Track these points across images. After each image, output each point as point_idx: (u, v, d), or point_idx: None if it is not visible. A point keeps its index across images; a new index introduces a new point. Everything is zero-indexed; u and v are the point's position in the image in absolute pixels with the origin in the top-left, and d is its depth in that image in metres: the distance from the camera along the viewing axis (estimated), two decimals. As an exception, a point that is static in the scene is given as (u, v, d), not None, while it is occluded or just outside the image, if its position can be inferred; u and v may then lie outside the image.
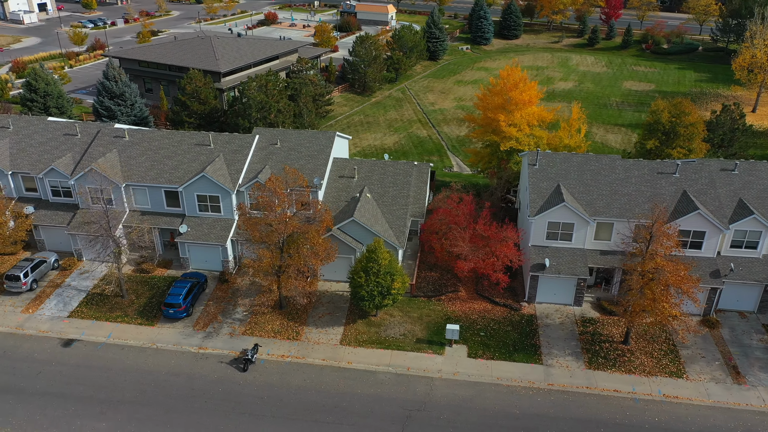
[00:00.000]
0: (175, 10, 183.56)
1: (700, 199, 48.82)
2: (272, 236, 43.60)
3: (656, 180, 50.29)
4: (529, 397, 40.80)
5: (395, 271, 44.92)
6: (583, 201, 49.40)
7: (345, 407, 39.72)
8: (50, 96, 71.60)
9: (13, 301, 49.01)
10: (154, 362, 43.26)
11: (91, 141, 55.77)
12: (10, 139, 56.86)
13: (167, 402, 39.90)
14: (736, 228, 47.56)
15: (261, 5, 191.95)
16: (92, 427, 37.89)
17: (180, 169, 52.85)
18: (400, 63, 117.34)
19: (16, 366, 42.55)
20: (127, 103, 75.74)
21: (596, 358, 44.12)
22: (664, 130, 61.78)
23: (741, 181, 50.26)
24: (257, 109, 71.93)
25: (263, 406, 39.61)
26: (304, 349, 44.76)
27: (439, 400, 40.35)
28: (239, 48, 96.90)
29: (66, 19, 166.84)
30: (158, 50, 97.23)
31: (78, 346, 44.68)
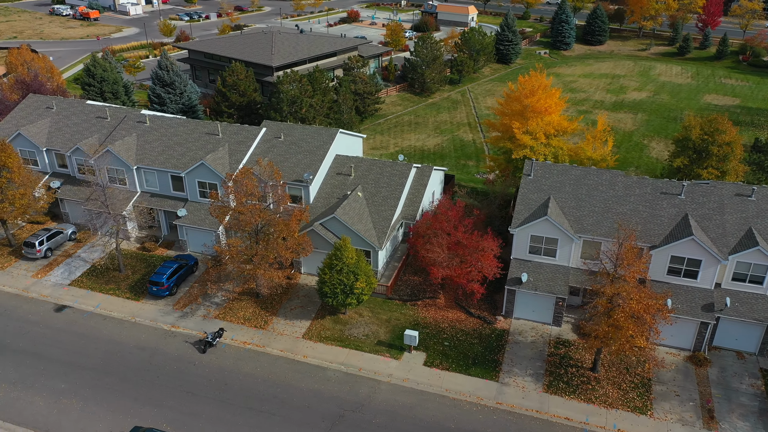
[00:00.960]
0: (267, 6, 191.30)
1: (702, 225, 44.88)
2: (242, 225, 44.96)
3: (657, 200, 46.75)
4: (471, 413, 39.48)
5: (360, 271, 44.87)
6: (571, 216, 46.88)
7: (284, 399, 40.36)
8: (106, 81, 77.47)
9: (27, 266, 53.77)
10: (128, 335, 45.99)
11: (117, 125, 59.88)
12: (51, 119, 62.23)
13: (125, 373, 42.36)
14: (738, 259, 43.30)
15: (349, 3, 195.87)
16: (52, 386, 41.01)
17: (187, 156, 55.59)
18: (464, 65, 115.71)
19: (8, 324, 46.78)
20: (176, 91, 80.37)
21: (557, 382, 41.85)
22: (694, 147, 57.13)
23: (756, 209, 45.58)
24: (288, 104, 73.88)
25: (207, 388, 41.09)
26: (267, 338, 45.82)
27: (378, 405, 40.00)
28: (297, 44, 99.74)
29: (167, 12, 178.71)
30: (222, 43, 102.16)
31: (67, 312, 48.34)
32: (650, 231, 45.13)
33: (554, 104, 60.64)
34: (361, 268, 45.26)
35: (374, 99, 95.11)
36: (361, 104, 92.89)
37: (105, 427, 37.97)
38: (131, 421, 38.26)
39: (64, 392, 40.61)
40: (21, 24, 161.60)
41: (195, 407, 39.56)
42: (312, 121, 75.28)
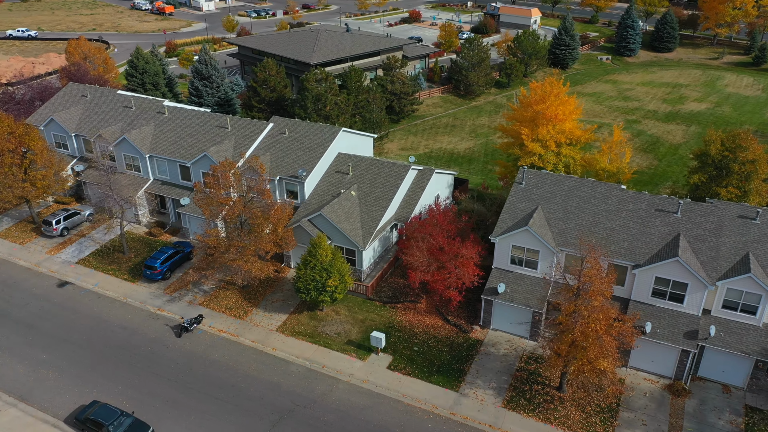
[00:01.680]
0: (335, 4, 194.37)
1: (694, 246, 42.12)
2: (224, 216, 46.25)
3: (651, 217, 44.23)
4: (421, 420, 38.92)
5: (333, 269, 45.12)
6: (556, 229, 45.16)
7: (241, 388, 41.26)
8: (147, 73, 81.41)
9: (44, 243, 57.53)
10: (115, 314, 48.37)
11: (139, 114, 62.90)
12: (84, 107, 66.17)
13: (103, 350, 44.61)
14: (728, 286, 40.32)
15: (415, 3, 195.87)
16: (35, 356, 43.79)
17: (195, 147, 57.68)
18: (513, 68, 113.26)
19: (13, 295, 50.28)
20: (213, 85, 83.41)
21: (519, 398, 40.51)
22: (714, 164, 53.56)
23: (759, 233, 42.25)
24: (313, 101, 74.99)
25: (172, 371, 42.62)
26: (242, 328, 46.93)
27: (331, 403, 40.15)
28: (340, 42, 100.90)
29: (237, 9, 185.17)
30: (269, 40, 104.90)
31: (68, 288, 51.39)
32: (637, 249, 42.79)
33: (568, 112, 58.40)
34: (336, 267, 45.50)
35: (411, 100, 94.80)
36: (398, 104, 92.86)
37: (71, 398, 40.16)
38: (95, 395, 40.27)
39: (44, 363, 43.26)
40: (102, 17, 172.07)
41: (156, 388, 41.13)
42: (336, 119, 76.06)
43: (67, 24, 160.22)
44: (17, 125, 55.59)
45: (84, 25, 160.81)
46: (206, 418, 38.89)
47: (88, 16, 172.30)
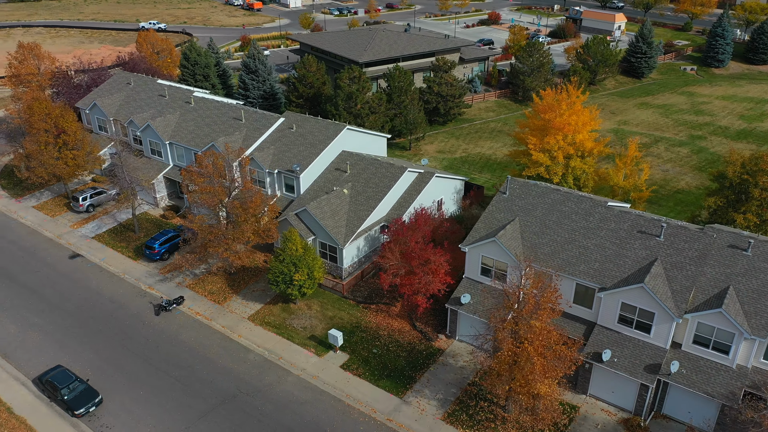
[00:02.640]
0: (419, 4, 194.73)
1: (670, 274, 38.99)
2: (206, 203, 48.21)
3: (631, 239, 41.37)
4: (355, 422, 38.79)
5: (301, 264, 45.78)
6: (529, 243, 43.29)
7: (196, 370, 42.92)
8: (198, 65, 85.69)
9: (71, 217, 62.33)
10: (110, 288, 51.69)
11: (170, 103, 66.57)
12: (126, 94, 70.90)
13: (87, 320, 47.87)
14: (699, 320, 37.03)
15: (500, 5, 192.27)
16: (29, 319, 47.77)
17: (209, 137, 60.31)
18: (577, 75, 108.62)
19: (29, 262, 54.98)
20: (259, 78, 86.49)
21: (461, 413, 39.36)
22: (732, 187, 49.17)
23: (747, 266, 38.42)
24: (344, 99, 75.94)
25: (141, 346, 45.02)
26: (217, 313, 48.70)
27: (274, 394, 40.89)
28: (395, 42, 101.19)
29: (321, 6, 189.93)
30: (327, 38, 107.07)
31: (78, 260, 55.47)
32: (608, 271, 40.18)
33: (581, 123, 55.57)
34: (306, 261, 46.12)
35: (457, 102, 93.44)
36: (443, 106, 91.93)
37: (45, 360, 43.47)
38: (66, 360, 43.38)
39: (33, 325, 47.11)
40: (196, 11, 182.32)
41: (121, 360, 43.66)
42: (365, 117, 76.61)
43: (163, 17, 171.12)
44: (53, 107, 60.52)
45: (177, 18, 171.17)
46: (154, 393, 40.83)
47: (184, 10, 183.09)
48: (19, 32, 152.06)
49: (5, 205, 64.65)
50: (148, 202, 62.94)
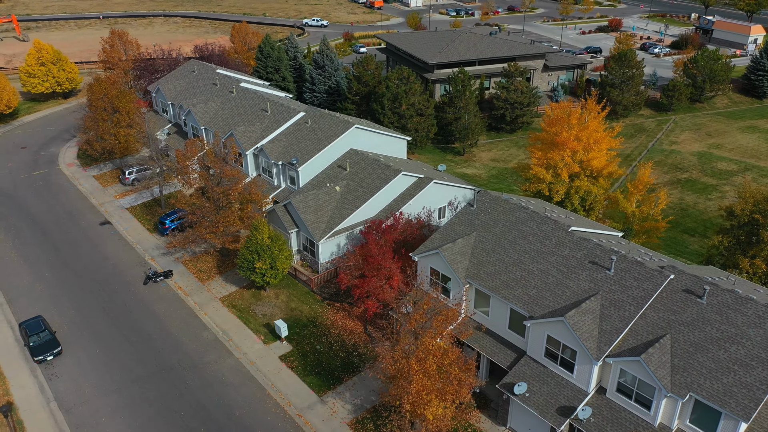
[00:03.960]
0: (543, 7, 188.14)
1: (605, 312, 35.41)
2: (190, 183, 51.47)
3: (579, 268, 38.00)
4: (265, 411, 39.66)
5: (265, 253, 47.32)
6: (476, 260, 41.29)
7: (153, 339, 46.12)
8: (270, 58, 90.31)
9: (117, 189, 69.06)
10: (119, 255, 56.80)
11: (218, 91, 71.21)
12: (188, 81, 76.86)
13: (86, 280, 53.09)
14: (621, 366, 33.32)
15: (632, 12, 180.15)
16: (41, 273, 53.95)
17: (236, 124, 63.79)
18: (677, 90, 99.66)
19: (66, 225, 61.83)
20: (325, 74, 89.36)
21: (369, 421, 38.76)
22: (742, 227, 43.19)
23: (696, 316, 33.77)
24: (390, 99, 76.27)
25: (117, 310, 49.20)
26: (196, 290, 51.79)
27: (207, 373, 42.86)
28: (475, 45, 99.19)
29: (440, 6, 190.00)
30: (408, 38, 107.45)
31: (105, 227, 61.49)
32: (543, 299, 37.29)
33: (592, 140, 51.43)
34: (271, 252, 47.59)
35: (525, 111, 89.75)
36: (510, 114, 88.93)
37: (37, 309, 48.93)
38: (52, 311, 48.65)
39: (43, 278, 53.19)
40: (320, 7, 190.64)
41: (94, 320, 48.09)
42: (409, 119, 76.35)
43: (287, 11, 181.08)
44: (111, 88, 67.37)
45: (300, 12, 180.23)
46: (106, 353, 44.61)
47: (310, 6, 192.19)
48: (160, 21, 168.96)
49: (73, 173, 73.10)
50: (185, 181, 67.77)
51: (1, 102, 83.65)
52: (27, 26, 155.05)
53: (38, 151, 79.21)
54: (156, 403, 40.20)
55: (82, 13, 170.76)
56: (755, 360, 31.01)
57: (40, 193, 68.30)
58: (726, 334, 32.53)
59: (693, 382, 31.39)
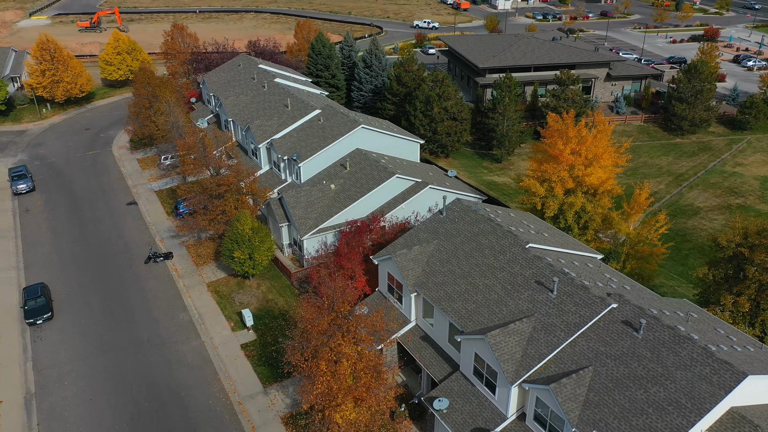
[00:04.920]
0: (640, 13, 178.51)
1: (534, 335, 33.63)
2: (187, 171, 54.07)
3: (524, 288, 36.22)
4: (210, 396, 41.02)
5: (244, 243, 48.83)
6: (430, 268, 40.42)
7: (134, 315, 48.91)
8: (320, 56, 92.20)
9: (153, 172, 73.57)
10: (133, 234, 60.58)
11: (254, 85, 73.95)
12: (232, 74, 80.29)
13: (96, 254, 57.07)
14: (537, 394, 31.54)
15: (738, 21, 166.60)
16: (61, 246, 58.58)
17: (257, 118, 66.02)
18: (755, 108, 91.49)
19: (98, 201, 66.69)
20: (372, 73, 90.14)
21: (301, 418, 39.11)
22: (729, 260, 39.33)
23: (627, 350, 31.29)
24: (423, 101, 75.73)
25: (113, 284, 52.60)
26: (189, 273, 54.31)
27: (171, 352, 44.89)
28: (533, 51, 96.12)
29: (528, 9, 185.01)
30: (466, 41, 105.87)
31: (131, 207, 65.72)
32: (480, 315, 35.87)
33: (591, 155, 48.55)
34: (251, 243, 49.03)
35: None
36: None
37: (47, 277, 53.35)
38: (57, 278, 52.82)
39: (61, 250, 57.83)
40: (408, 7, 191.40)
41: (90, 292, 51.70)
42: (439, 122, 75.38)
43: (373, 11, 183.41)
44: (153, 77, 71.77)
45: (386, 11, 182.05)
46: (89, 323, 47.89)
47: (398, 5, 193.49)
48: (250, 16, 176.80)
49: (121, 155, 78.69)
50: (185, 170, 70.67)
51: (76, 87, 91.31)
52: (131, 18, 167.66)
53: (98, 133, 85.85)
54: (115, 375, 42.77)
55: (182, 7, 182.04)
56: (673, 405, 28.32)
57: (86, 171, 74.11)
58: (651, 373, 29.91)
59: (601, 420, 29.17)
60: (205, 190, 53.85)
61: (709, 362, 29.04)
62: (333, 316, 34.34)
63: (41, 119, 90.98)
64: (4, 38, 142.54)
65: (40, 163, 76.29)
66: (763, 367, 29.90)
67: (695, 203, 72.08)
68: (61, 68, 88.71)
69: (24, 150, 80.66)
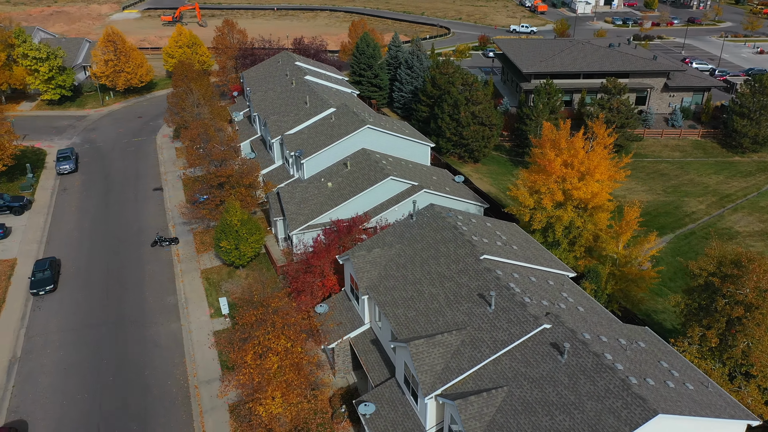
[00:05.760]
0: (731, 20, 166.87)
1: (460, 349, 32.64)
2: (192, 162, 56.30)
3: (464, 300, 35.20)
4: (171, 377, 42.70)
5: (229, 234, 50.36)
6: (385, 272, 40.04)
7: (126, 293, 51.56)
8: (363, 55, 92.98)
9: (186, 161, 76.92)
10: (150, 218, 63.72)
11: (284, 81, 75.83)
12: (270, 70, 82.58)
13: (112, 235, 60.51)
14: (450, 411, 30.64)
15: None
16: (84, 225, 62.55)
17: (276, 113, 67.66)
18: None
19: (129, 186, 70.73)
20: (413, 74, 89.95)
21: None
22: (702, 289, 36.39)
23: (547, 374, 29.77)
24: (451, 104, 74.73)
25: (117, 263, 55.68)
26: (189, 259, 56.61)
27: (148, 332, 47.10)
28: (585, 57, 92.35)
29: (607, 14, 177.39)
30: (517, 45, 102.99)
31: (156, 193, 69.17)
32: (419, 324, 35.22)
33: (583, 168, 46.13)
34: (237, 234, 50.52)
35: (618, 132, 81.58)
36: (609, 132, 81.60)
37: (60, 252, 57.37)
38: (70, 256, 56.64)
39: (83, 229, 61.87)
40: (483, 9, 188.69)
41: (94, 269, 54.92)
42: (465, 127, 74.05)
43: (447, 12, 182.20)
44: (191, 70, 75.20)
45: (460, 13, 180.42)
46: (85, 298, 51.00)
47: (474, 7, 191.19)
48: (324, 14, 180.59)
49: (162, 143, 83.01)
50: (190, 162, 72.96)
51: (135, 77, 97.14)
52: (212, 14, 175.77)
53: (148, 122, 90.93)
54: (93, 349, 45.40)
55: (261, 4, 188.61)
56: (573, 436, 26.70)
57: (128, 156, 78.77)
58: (563, 401, 28.31)
59: (499, 443, 27.96)
60: (208, 181, 55.88)
61: (623, 395, 27.11)
62: (261, 310, 34.77)
63: (102, 106, 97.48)
64: (94, 30, 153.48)
65: (89, 147, 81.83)
66: (688, 407, 27.54)
67: (735, 227, 66.70)
68: (123, 59, 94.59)
69: (79, 133, 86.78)
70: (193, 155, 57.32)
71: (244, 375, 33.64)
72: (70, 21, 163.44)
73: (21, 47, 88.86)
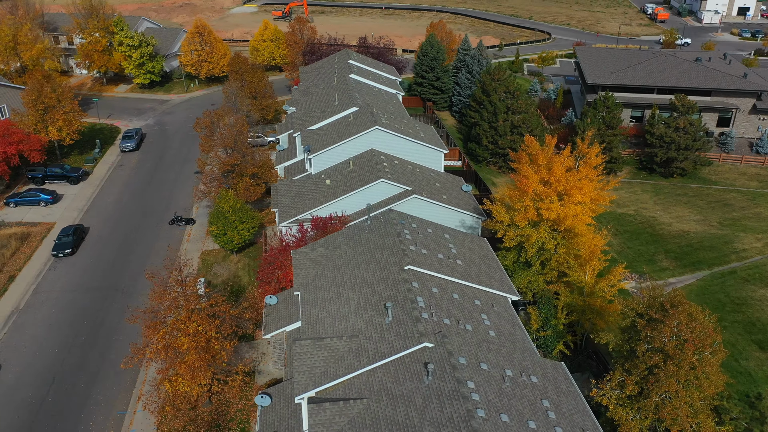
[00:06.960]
0: None
1: (345, 356, 32.33)
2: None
3: (372, 308, 34.74)
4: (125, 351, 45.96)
5: (218, 221, 52.96)
6: (320, 272, 40.33)
7: (130, 264, 55.99)
8: (426, 57, 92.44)
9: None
10: (180, 197, 68.18)
11: (330, 80, 77.76)
12: (323, 66, 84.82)
13: (138, 209, 65.65)
14: (313, 413, 30.59)
15: None
16: (122, 201, 68.50)
17: (306, 108, 69.55)
18: None
19: (174, 163, 76.18)
20: (473, 78, 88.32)
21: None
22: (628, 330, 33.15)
23: (408, 392, 28.80)
24: (490, 112, 72.61)
25: (134, 237, 60.48)
26: (196, 240, 60.13)
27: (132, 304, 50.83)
28: (664, 71, 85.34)
29: (732, 26, 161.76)
30: (593, 53, 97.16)
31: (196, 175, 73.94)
32: (323, 325, 35.30)
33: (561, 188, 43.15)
34: (227, 221, 53.03)
35: (682, 155, 74.83)
36: (662, 154, 75.55)
37: (91, 222, 63.25)
38: (96, 226, 62.30)
39: (117, 202, 67.71)
40: (596, 15, 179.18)
41: (112, 240, 60.09)
42: (502, 136, 71.57)
43: (557, 16, 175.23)
44: (245, 64, 79.23)
45: (571, 18, 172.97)
46: (94, 263, 56.03)
47: (589, 13, 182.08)
48: (431, 15, 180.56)
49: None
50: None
51: (218, 66, 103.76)
52: (322, 11, 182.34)
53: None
54: (80, 310, 49.95)
55: (370, 3, 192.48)
56: (398, 460, 25.72)
57: (187, 140, 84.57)
58: (407, 423, 27.31)
59: (334, 455, 27.53)
60: (221, 168, 59.00)
61: (460, 427, 25.69)
62: (174, 294, 36.50)
63: (186, 92, 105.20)
64: (213, 22, 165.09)
65: (158, 129, 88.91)
66: (531, 451, 25.48)
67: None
68: (207, 50, 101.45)
69: (156, 116, 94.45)
70: (204, 140, 60.67)
71: (151, 351, 35.61)
72: (193, 12, 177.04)
73: (118, 35, 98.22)
